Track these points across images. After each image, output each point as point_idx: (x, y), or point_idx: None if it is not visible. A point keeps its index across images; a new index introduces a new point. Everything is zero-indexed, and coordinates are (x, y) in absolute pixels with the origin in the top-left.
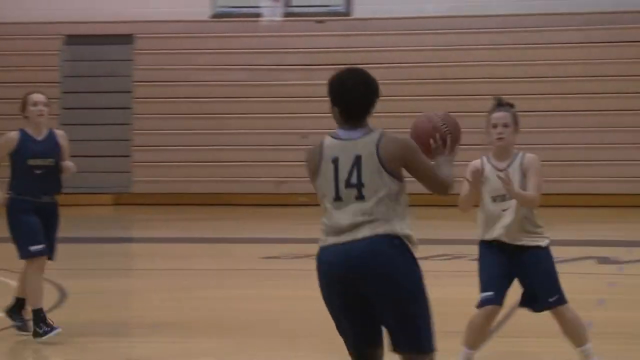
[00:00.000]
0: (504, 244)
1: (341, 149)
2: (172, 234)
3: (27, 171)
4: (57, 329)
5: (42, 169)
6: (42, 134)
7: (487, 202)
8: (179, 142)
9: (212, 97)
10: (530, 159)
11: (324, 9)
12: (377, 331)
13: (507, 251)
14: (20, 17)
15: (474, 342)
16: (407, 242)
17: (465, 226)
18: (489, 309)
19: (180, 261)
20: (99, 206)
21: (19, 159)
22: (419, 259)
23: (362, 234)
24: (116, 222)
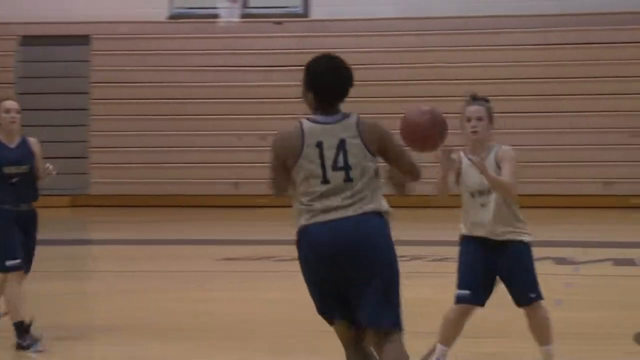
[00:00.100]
0: (486, 239)
1: (323, 132)
2: (130, 236)
3: (1, 179)
4: (40, 345)
5: (17, 177)
6: (15, 142)
7: (466, 197)
8: (137, 144)
9: (169, 99)
10: (504, 150)
11: (282, 11)
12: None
13: (489, 246)
14: None
15: (447, 339)
16: (387, 217)
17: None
18: (463, 307)
19: (137, 263)
20: (56, 208)
21: None
22: None
23: (351, 212)
24: (73, 224)
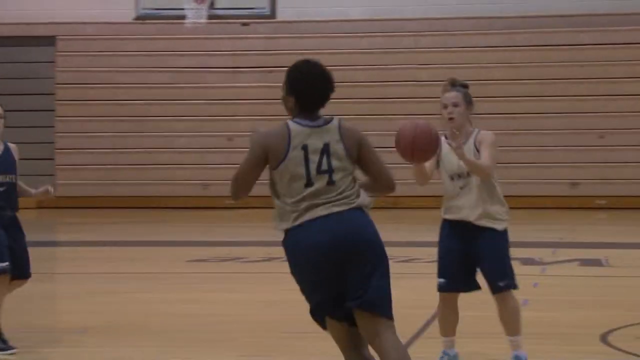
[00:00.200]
0: (463, 223)
1: (309, 136)
2: (97, 237)
3: None
4: (13, 349)
5: (4, 186)
6: None
7: (445, 180)
8: (103, 145)
9: (136, 100)
10: (483, 134)
11: (249, 12)
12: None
13: (466, 230)
14: None
15: (443, 330)
16: (368, 212)
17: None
18: (444, 296)
19: (105, 265)
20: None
21: None
22: None
23: (337, 209)
24: (40, 226)
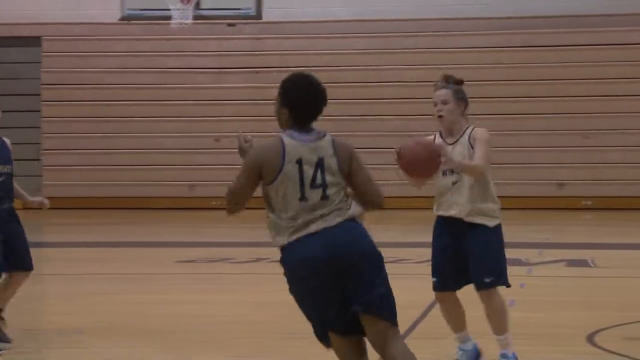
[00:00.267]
0: (454, 219)
1: (304, 150)
2: (84, 238)
3: None
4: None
5: (3, 176)
6: None
7: (439, 176)
8: (89, 146)
9: (122, 100)
10: (478, 132)
11: (235, 12)
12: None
13: (457, 227)
14: None
15: (453, 326)
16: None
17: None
18: (439, 295)
19: (93, 266)
20: None
21: None
22: None
23: (332, 222)
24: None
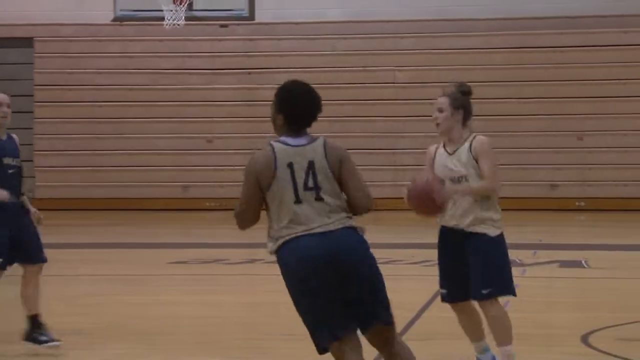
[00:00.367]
0: (456, 229)
1: (294, 154)
2: (77, 239)
3: (1, 170)
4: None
5: (13, 169)
6: (4, 136)
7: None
8: (82, 147)
9: (115, 101)
10: (479, 144)
11: (228, 13)
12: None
13: (459, 237)
14: None
15: (469, 335)
16: (362, 233)
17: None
18: (452, 306)
19: (85, 267)
20: None
21: None
22: None
23: (332, 227)
24: None
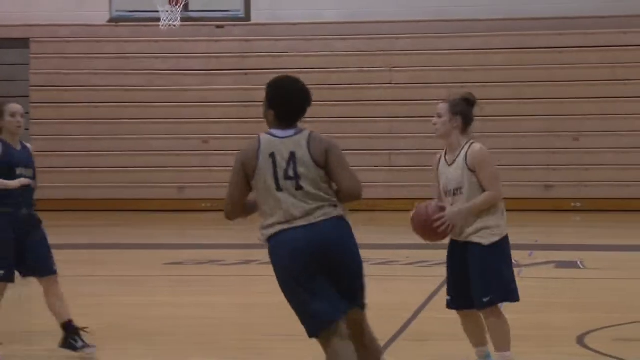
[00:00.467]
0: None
1: (277, 145)
2: (72, 240)
3: (12, 180)
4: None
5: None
6: (18, 145)
7: (442, 196)
8: (78, 148)
9: (110, 102)
10: (474, 155)
11: (224, 14)
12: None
13: (459, 246)
14: None
15: (471, 340)
16: (348, 221)
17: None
18: (459, 312)
19: (81, 268)
20: None
21: (5, 167)
22: None
23: (319, 218)
24: None
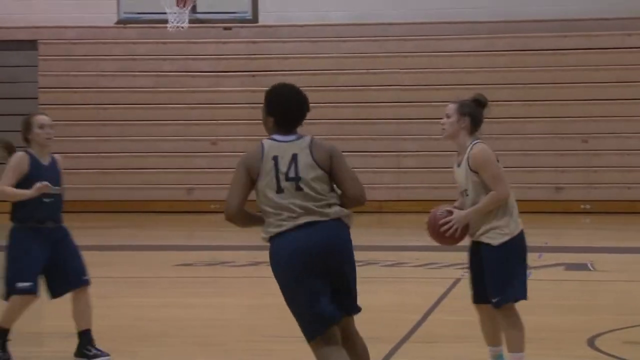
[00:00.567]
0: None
1: (279, 148)
2: (81, 241)
3: (38, 198)
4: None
5: (51, 198)
6: (47, 159)
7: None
8: (86, 149)
9: (119, 104)
10: (474, 156)
11: (231, 16)
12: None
13: (473, 245)
14: None
15: (486, 338)
16: (348, 222)
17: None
18: (475, 306)
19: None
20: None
21: (30, 184)
22: None
23: (319, 219)
24: None
